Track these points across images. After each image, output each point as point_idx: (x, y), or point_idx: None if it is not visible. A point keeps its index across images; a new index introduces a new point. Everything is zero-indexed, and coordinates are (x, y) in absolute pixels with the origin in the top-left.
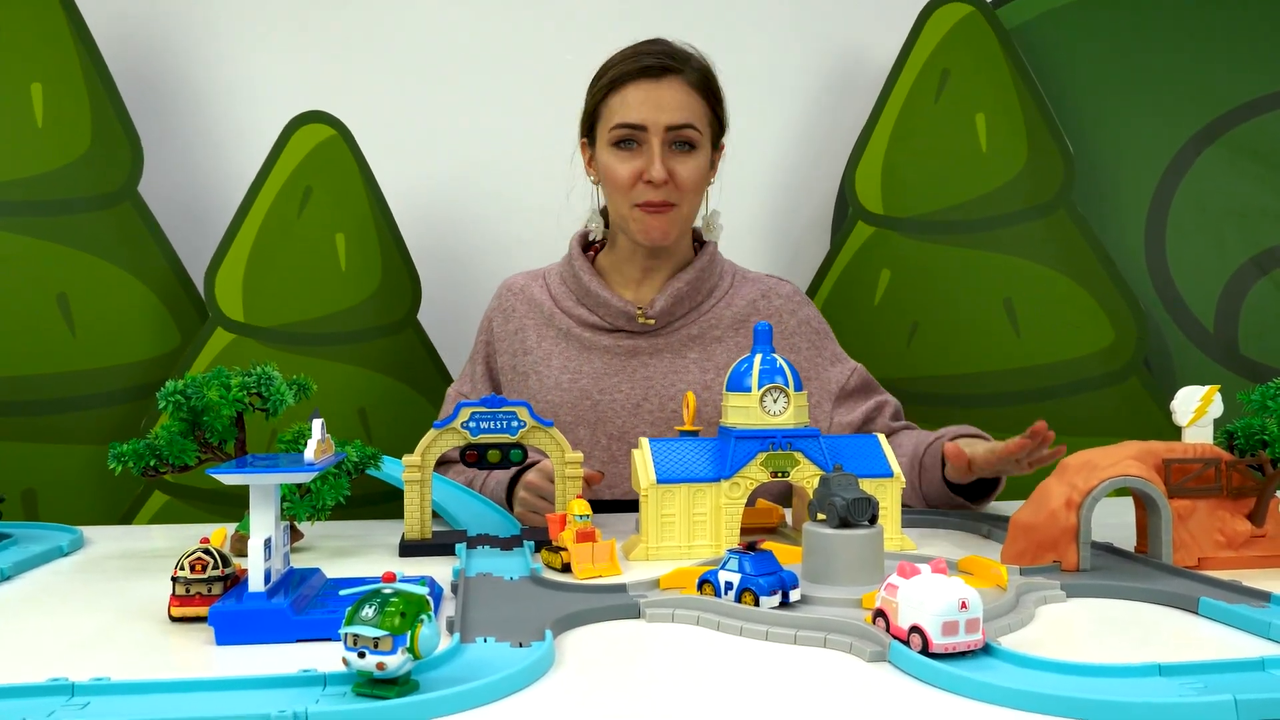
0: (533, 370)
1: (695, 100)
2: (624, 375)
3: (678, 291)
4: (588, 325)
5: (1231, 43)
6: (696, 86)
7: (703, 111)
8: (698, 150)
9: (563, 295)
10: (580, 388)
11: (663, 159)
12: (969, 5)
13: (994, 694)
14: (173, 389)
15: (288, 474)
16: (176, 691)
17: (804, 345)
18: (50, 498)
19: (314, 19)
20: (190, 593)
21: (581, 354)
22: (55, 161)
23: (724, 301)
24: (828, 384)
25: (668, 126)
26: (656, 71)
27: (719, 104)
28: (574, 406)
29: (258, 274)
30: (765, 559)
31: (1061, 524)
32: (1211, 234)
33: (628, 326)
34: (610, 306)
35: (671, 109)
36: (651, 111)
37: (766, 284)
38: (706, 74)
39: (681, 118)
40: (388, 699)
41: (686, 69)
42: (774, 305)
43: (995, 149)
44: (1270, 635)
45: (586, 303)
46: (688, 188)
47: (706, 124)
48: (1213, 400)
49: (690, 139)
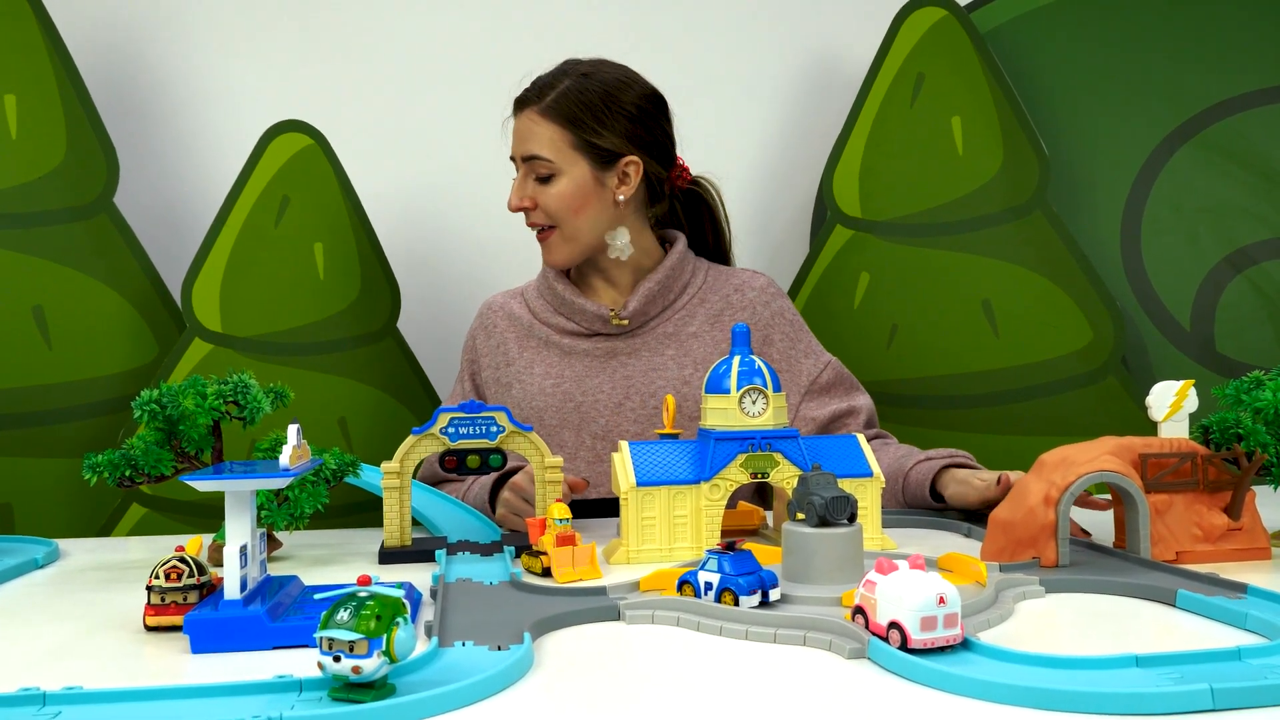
0: (516, 379)
1: (545, 128)
2: (605, 376)
3: (649, 291)
4: (566, 332)
5: (1204, 43)
6: (549, 114)
7: (554, 137)
8: (557, 177)
9: (540, 308)
10: (563, 391)
11: (519, 188)
12: (943, 9)
13: (973, 688)
14: (148, 398)
15: (263, 480)
16: (150, 699)
17: (777, 337)
18: (26, 511)
19: (290, 28)
20: (165, 601)
21: (562, 359)
22: (30, 173)
23: (697, 298)
24: (798, 376)
25: (522, 157)
26: (516, 105)
27: (589, 125)
28: (558, 410)
29: (235, 284)
30: (744, 559)
31: (1040, 520)
32: (1186, 233)
33: (604, 329)
34: (585, 311)
35: (520, 141)
36: (514, 144)
37: (741, 277)
38: (569, 97)
39: (527, 149)
40: (364, 703)
41: (545, 99)
42: (748, 298)
43: (971, 152)
44: (1247, 626)
45: (563, 311)
46: (553, 211)
47: (566, 148)
48: (1188, 395)
49: (542, 172)
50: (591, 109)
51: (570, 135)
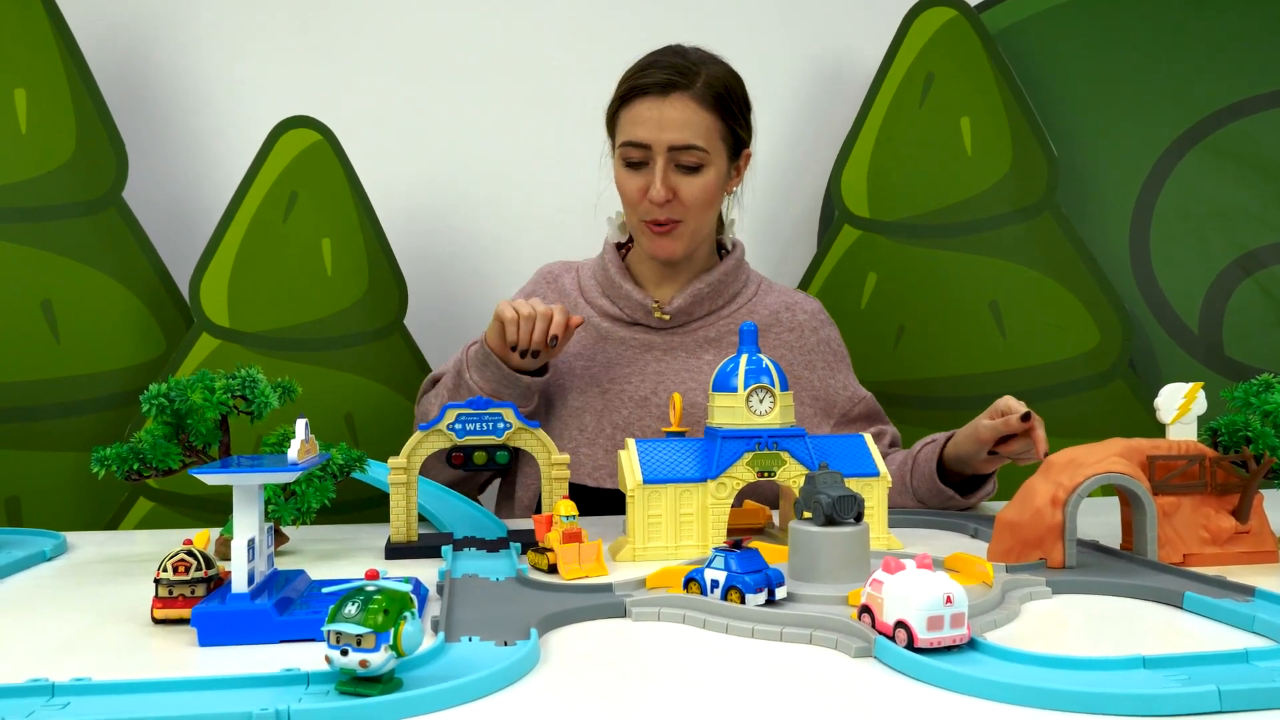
0: (558, 359)
1: (702, 117)
2: (635, 368)
3: (697, 292)
4: (607, 315)
5: (1214, 46)
6: (705, 101)
7: (711, 127)
8: (705, 169)
9: (590, 288)
10: (591, 375)
11: (665, 178)
12: (953, 9)
13: (979, 687)
14: (156, 392)
15: (271, 474)
16: (157, 691)
17: (819, 364)
18: (35, 505)
19: (299, 24)
20: (173, 594)
21: (597, 342)
22: (40, 168)
23: (745, 308)
24: (832, 408)
25: (670, 146)
26: (661, 88)
27: (736, 115)
28: (583, 392)
29: (243, 279)
30: (751, 557)
31: (1047, 521)
32: (1195, 236)
33: (644, 320)
34: (630, 299)
35: (674, 128)
36: (654, 131)
37: (793, 297)
38: (720, 85)
39: (684, 138)
40: (370, 696)
41: (695, 84)
42: (797, 319)
43: (980, 152)
44: (1254, 628)
45: (610, 294)
46: (693, 206)
47: (718, 139)
48: (1196, 397)
49: (692, 162)
50: (736, 100)
51: (721, 125)
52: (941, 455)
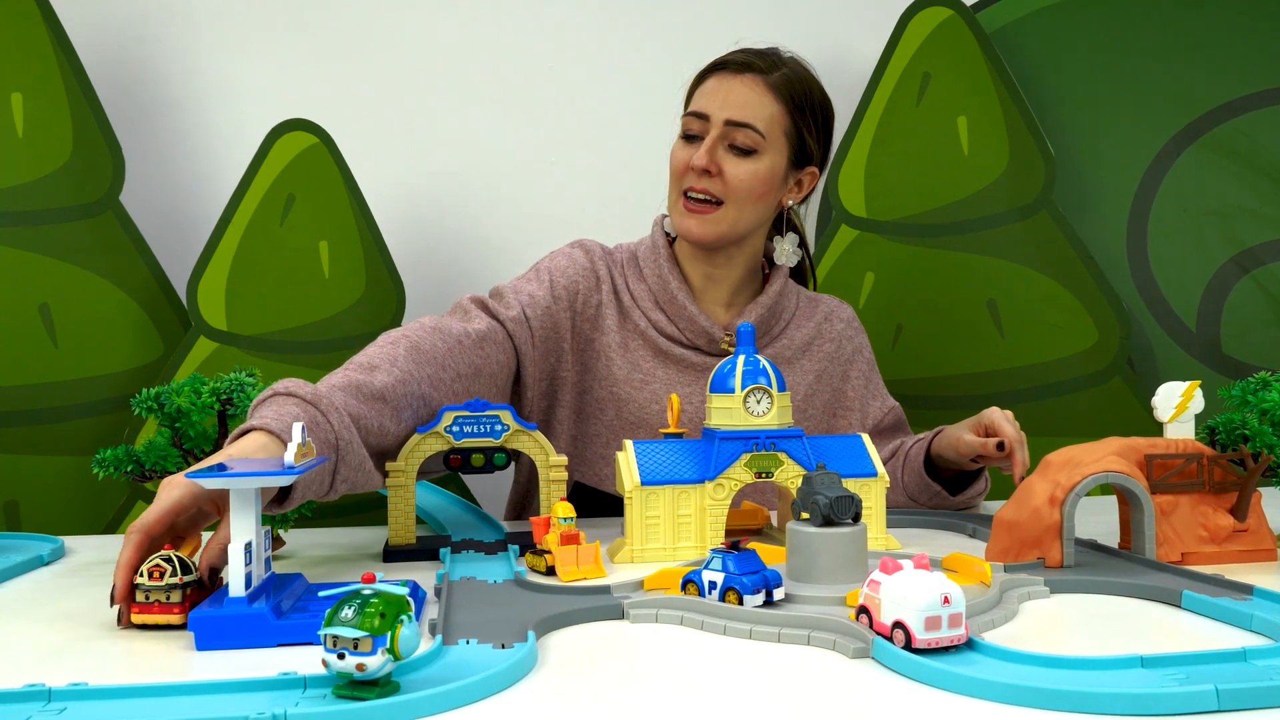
0: (604, 353)
1: (769, 102)
2: (696, 388)
3: (761, 318)
4: (662, 331)
5: (1210, 44)
6: (777, 89)
7: (775, 116)
8: (759, 155)
9: (641, 294)
10: (650, 391)
11: (712, 148)
12: (949, 9)
13: (977, 688)
14: (147, 395)
15: (267, 477)
16: (154, 695)
17: (854, 375)
18: (32, 509)
19: (296, 27)
20: (150, 600)
21: (654, 358)
22: (36, 171)
23: (793, 324)
24: (865, 418)
25: (726, 120)
26: (737, 66)
27: (807, 120)
28: (639, 410)
29: (240, 282)
30: (749, 558)
31: (1045, 521)
32: (1193, 234)
33: (706, 346)
34: (696, 325)
35: (735, 104)
36: (715, 102)
37: (828, 305)
38: (801, 84)
39: (743, 115)
40: (368, 700)
41: (772, 70)
42: (836, 330)
43: (977, 151)
44: (1252, 627)
45: (667, 308)
46: (736, 189)
47: (780, 131)
48: (1194, 396)
49: (746, 144)
50: (813, 106)
51: (788, 120)
52: (928, 452)
